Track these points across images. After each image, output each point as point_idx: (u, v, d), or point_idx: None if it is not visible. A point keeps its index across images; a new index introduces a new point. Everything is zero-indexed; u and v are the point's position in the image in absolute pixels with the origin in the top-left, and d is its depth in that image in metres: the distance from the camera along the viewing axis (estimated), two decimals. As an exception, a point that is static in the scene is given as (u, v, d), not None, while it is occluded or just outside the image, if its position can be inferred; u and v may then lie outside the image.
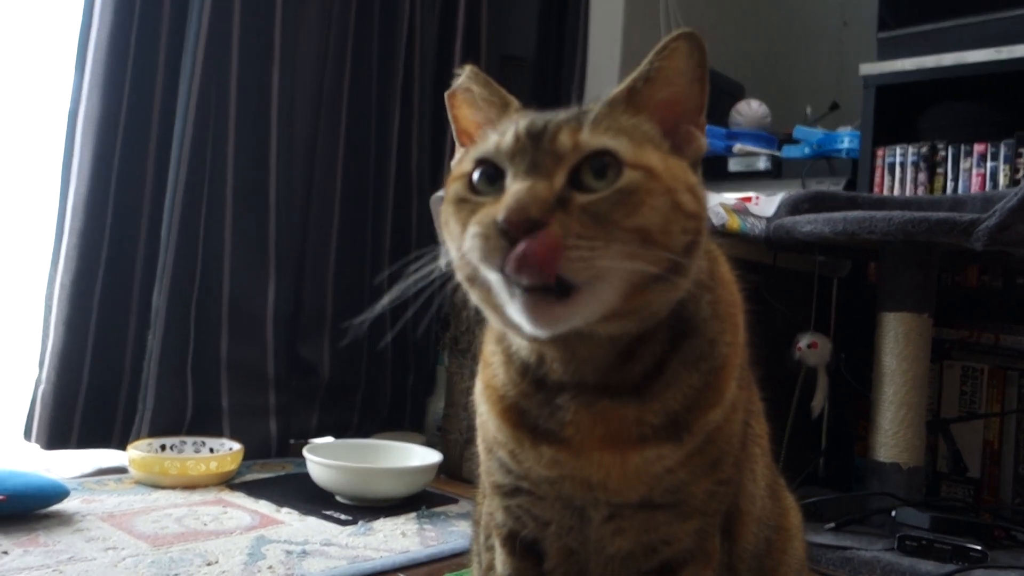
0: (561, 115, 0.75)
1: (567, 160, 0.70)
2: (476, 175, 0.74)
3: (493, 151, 0.74)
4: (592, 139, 0.71)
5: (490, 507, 0.91)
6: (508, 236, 0.65)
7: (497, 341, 0.84)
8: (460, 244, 0.72)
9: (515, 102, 0.81)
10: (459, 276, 0.75)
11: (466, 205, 0.73)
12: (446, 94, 0.84)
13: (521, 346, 0.80)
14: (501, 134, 0.74)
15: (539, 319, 0.67)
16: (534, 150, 0.71)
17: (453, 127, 0.86)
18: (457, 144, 0.86)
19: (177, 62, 2.26)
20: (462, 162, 0.79)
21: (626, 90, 0.76)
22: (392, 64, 2.72)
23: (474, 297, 0.76)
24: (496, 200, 0.70)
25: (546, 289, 0.65)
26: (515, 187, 0.69)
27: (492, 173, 0.73)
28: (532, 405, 0.78)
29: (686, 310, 0.78)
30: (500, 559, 0.90)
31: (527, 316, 0.67)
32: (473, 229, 0.68)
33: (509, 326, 0.73)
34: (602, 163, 0.70)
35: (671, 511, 0.80)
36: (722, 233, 2.10)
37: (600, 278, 0.66)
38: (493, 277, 0.68)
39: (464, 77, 0.83)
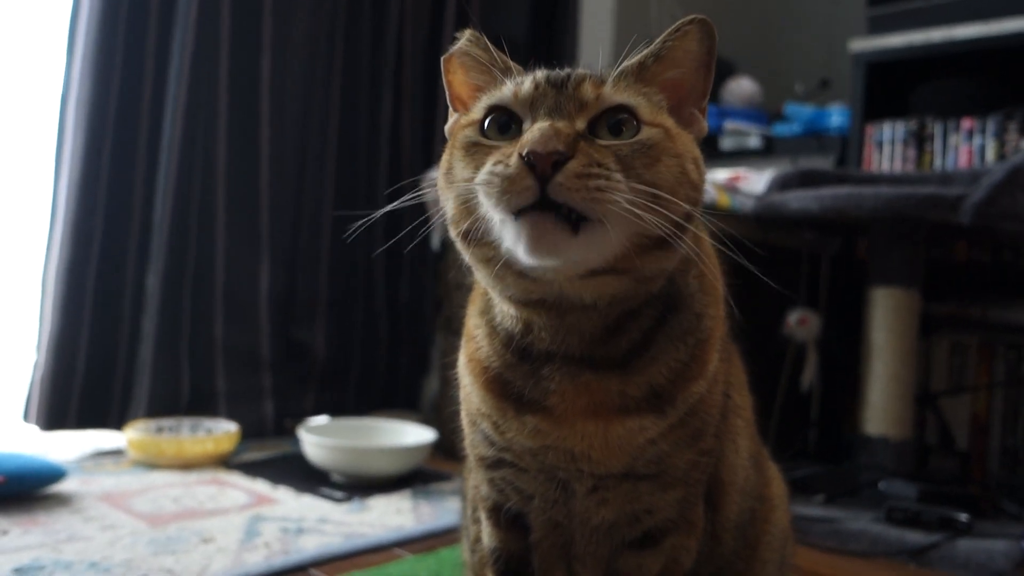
0: (580, 70, 0.77)
1: (589, 109, 0.73)
2: (487, 122, 0.76)
3: (510, 98, 0.75)
4: (614, 93, 0.74)
5: (475, 480, 0.92)
6: (535, 170, 0.66)
7: (480, 314, 0.85)
8: (465, 190, 0.73)
9: (518, 67, 0.82)
10: (453, 232, 0.76)
11: (479, 149, 0.74)
12: (443, 57, 0.85)
13: (506, 316, 0.81)
14: (517, 83, 0.76)
15: (543, 245, 0.67)
16: (556, 97, 0.73)
17: (447, 92, 0.86)
18: (450, 109, 0.87)
19: (167, 45, 2.26)
20: (472, 110, 0.80)
21: (636, 65, 0.78)
22: (383, 47, 2.71)
23: (467, 254, 0.77)
24: (512, 144, 0.71)
25: (558, 218, 0.67)
26: (538, 124, 0.70)
27: (504, 121, 0.75)
28: (516, 376, 0.80)
29: (674, 285, 0.80)
30: (486, 531, 0.92)
31: (532, 240, 0.67)
32: (491, 168, 0.69)
33: (504, 279, 0.74)
34: (618, 121, 0.73)
35: (654, 481, 0.82)
36: (711, 211, 2.11)
37: (610, 218, 0.67)
38: (499, 218, 0.69)
39: (464, 41, 0.83)
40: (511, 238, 0.69)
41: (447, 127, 0.85)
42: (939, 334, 2.49)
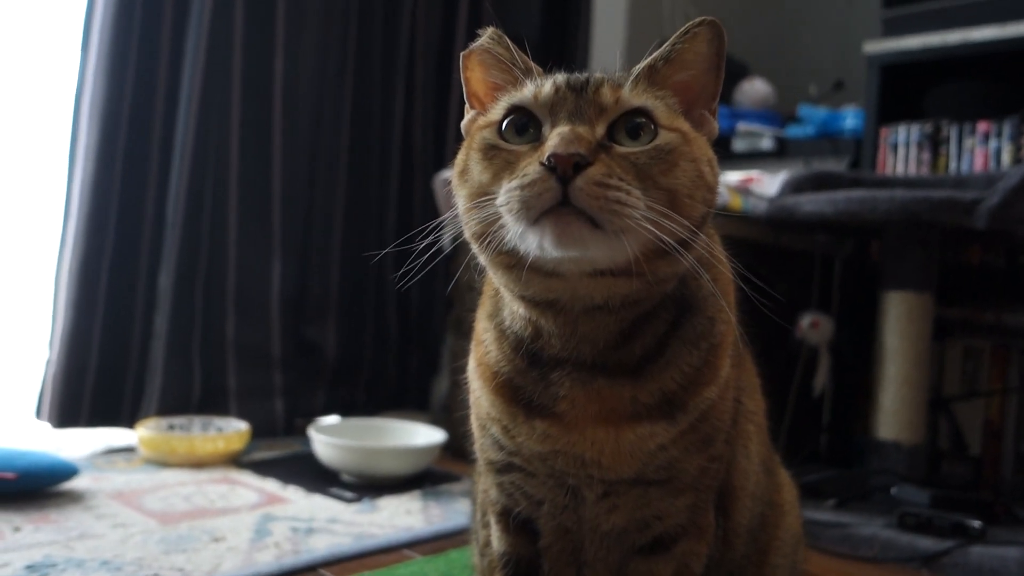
0: (598, 74, 0.77)
1: (608, 113, 0.73)
2: (505, 123, 0.76)
3: (530, 100, 0.75)
4: (633, 97, 0.74)
5: (485, 484, 0.92)
6: (556, 173, 0.67)
7: (489, 317, 0.85)
8: (478, 192, 0.73)
9: (538, 68, 0.82)
10: (467, 233, 0.77)
11: (497, 153, 0.74)
12: (462, 54, 0.85)
13: (516, 318, 0.81)
14: (538, 86, 0.76)
15: (568, 237, 0.67)
16: (576, 101, 0.73)
17: (464, 88, 0.86)
18: (467, 106, 0.87)
19: (181, 41, 2.27)
20: (491, 111, 0.80)
21: (647, 68, 0.78)
22: (395, 46, 2.72)
23: (481, 255, 0.77)
24: (532, 150, 0.72)
25: (578, 213, 0.67)
26: (559, 129, 0.70)
27: (522, 123, 0.75)
28: (526, 381, 0.80)
29: (687, 288, 0.80)
30: (496, 535, 0.92)
31: (557, 235, 0.67)
32: (515, 183, 0.69)
33: (525, 281, 0.74)
34: (637, 124, 0.73)
35: (664, 487, 0.81)
36: (724, 213, 2.10)
37: (627, 233, 0.68)
38: (520, 230, 0.69)
39: (485, 39, 0.83)
40: (534, 242, 0.69)
41: (463, 124, 0.85)
42: (952, 338, 2.47)
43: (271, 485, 1.89)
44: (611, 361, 0.77)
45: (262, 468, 2.04)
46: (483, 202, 0.72)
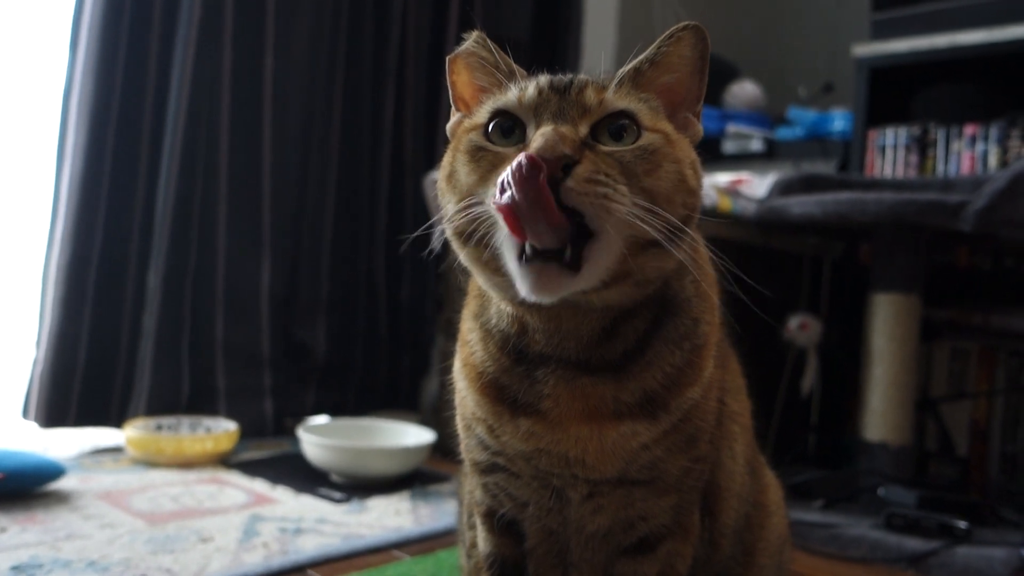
0: (582, 75, 0.78)
1: (592, 114, 0.74)
2: (491, 126, 0.76)
3: (514, 103, 0.76)
4: (616, 99, 0.75)
5: (471, 485, 0.93)
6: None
7: (474, 317, 0.85)
8: (466, 194, 0.74)
9: (522, 71, 0.83)
10: (450, 233, 0.77)
11: (484, 155, 0.75)
12: (448, 57, 0.85)
13: (502, 316, 0.81)
14: (521, 89, 0.77)
15: (543, 286, 0.68)
16: (559, 102, 0.74)
17: (450, 92, 0.87)
18: (453, 109, 0.87)
19: (171, 43, 2.26)
20: (476, 114, 0.81)
21: (632, 71, 0.79)
22: (386, 46, 2.71)
23: (464, 256, 0.77)
24: (517, 151, 0.72)
25: (555, 255, 0.68)
26: (542, 129, 0.71)
27: (507, 126, 0.76)
28: (512, 380, 0.80)
29: (671, 288, 0.80)
30: (481, 536, 0.92)
31: (531, 282, 0.69)
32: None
33: (501, 287, 0.75)
34: (620, 126, 0.74)
35: (648, 487, 0.82)
36: (712, 215, 2.11)
37: (615, 228, 0.68)
38: (504, 233, 0.70)
39: (470, 42, 0.83)
40: (510, 256, 0.70)
41: (449, 126, 0.85)
42: (940, 340, 2.48)
43: (260, 485, 1.89)
44: (594, 358, 0.78)
45: (251, 468, 2.04)
46: (471, 204, 0.72)
